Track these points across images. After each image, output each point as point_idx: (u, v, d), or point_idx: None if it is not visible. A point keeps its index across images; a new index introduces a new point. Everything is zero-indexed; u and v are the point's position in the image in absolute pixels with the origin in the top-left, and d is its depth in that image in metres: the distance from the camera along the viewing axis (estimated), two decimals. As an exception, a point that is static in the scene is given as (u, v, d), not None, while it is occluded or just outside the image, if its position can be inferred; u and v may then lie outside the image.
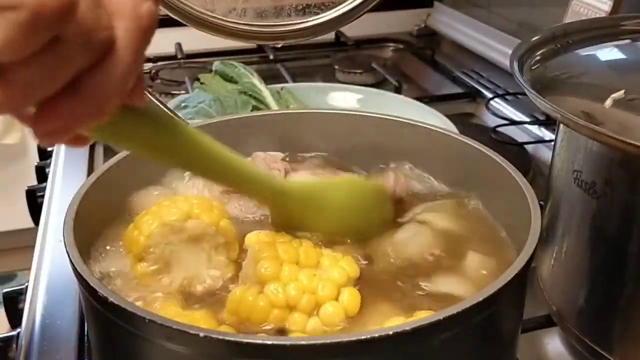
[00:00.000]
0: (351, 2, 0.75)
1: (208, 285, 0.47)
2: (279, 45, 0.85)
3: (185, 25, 0.78)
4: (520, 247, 0.44)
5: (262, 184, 0.48)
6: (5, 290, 0.70)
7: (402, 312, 0.45)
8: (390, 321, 0.43)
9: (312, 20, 0.75)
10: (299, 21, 0.75)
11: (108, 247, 0.51)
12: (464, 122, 1.01)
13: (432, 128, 0.60)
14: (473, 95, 1.15)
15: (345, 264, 0.47)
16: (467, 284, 0.48)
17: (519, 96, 1.07)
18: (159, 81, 1.21)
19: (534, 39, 0.58)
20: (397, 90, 1.14)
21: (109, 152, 0.95)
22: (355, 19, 0.76)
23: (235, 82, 1.01)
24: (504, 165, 0.53)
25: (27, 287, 0.66)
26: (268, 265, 0.45)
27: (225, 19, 0.73)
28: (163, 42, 1.27)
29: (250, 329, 0.44)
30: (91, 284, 0.40)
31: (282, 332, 0.44)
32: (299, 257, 0.46)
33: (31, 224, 0.87)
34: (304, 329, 0.43)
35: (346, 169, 0.60)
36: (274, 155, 0.59)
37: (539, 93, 0.49)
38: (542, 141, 0.97)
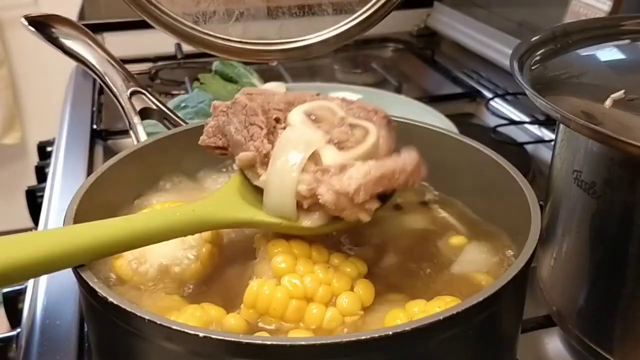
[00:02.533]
0: (348, 22, 0.72)
1: (185, 266, 0.48)
2: (274, 64, 0.82)
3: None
4: (520, 247, 0.44)
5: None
6: (5, 290, 0.70)
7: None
8: (412, 304, 0.44)
9: (308, 39, 0.72)
10: (294, 40, 0.72)
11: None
12: (464, 122, 1.01)
13: (432, 128, 0.60)
14: (473, 95, 1.15)
15: (353, 260, 0.48)
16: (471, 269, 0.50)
17: (519, 96, 1.07)
18: (158, 81, 1.21)
19: (534, 39, 0.58)
20: (397, 90, 1.14)
21: (108, 152, 0.95)
22: (353, 39, 0.74)
23: (235, 82, 1.01)
24: (504, 165, 0.53)
25: (27, 287, 0.66)
26: (282, 259, 0.45)
27: (218, 35, 0.71)
28: (163, 42, 1.27)
29: (267, 322, 0.44)
30: (91, 284, 0.40)
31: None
32: (311, 253, 0.47)
33: (31, 224, 0.87)
34: (323, 319, 0.44)
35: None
36: (270, 91, 0.49)
37: (539, 93, 0.49)
38: (542, 141, 0.97)
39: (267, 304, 0.44)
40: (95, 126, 1.01)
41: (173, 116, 0.66)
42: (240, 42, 0.72)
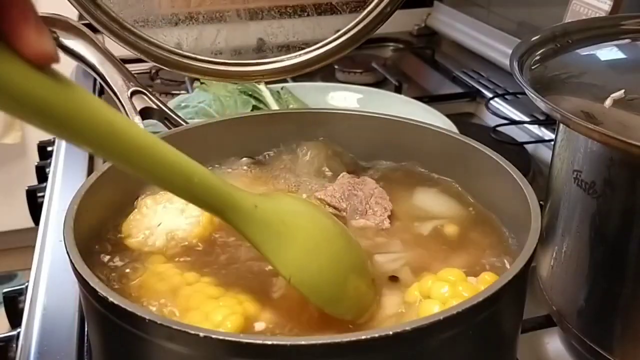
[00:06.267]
0: (339, 37, 0.67)
1: (188, 230, 0.52)
2: (262, 83, 0.76)
3: (185, 25, 0.76)
4: (520, 247, 0.44)
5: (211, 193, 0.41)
6: (5, 290, 0.70)
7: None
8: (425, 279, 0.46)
9: (294, 57, 0.67)
10: (280, 59, 0.67)
11: (108, 247, 0.51)
12: (464, 122, 1.01)
13: (432, 128, 0.60)
14: (473, 95, 1.15)
15: None
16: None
17: (519, 96, 1.07)
18: (159, 81, 1.21)
19: (534, 38, 0.58)
20: (397, 90, 1.14)
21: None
22: (344, 54, 0.67)
23: (235, 82, 1.01)
24: (504, 165, 0.53)
25: (27, 287, 0.66)
26: None
27: (200, 57, 0.66)
28: (163, 41, 1.26)
29: None
30: (91, 284, 0.40)
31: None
32: None
33: (31, 224, 0.87)
34: None
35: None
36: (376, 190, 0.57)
37: (539, 93, 0.49)
38: (542, 141, 0.97)
39: None
40: (95, 126, 1.01)
41: (173, 116, 0.66)
42: (225, 63, 0.67)
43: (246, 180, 0.60)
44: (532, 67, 0.56)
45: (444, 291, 0.44)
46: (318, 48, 0.67)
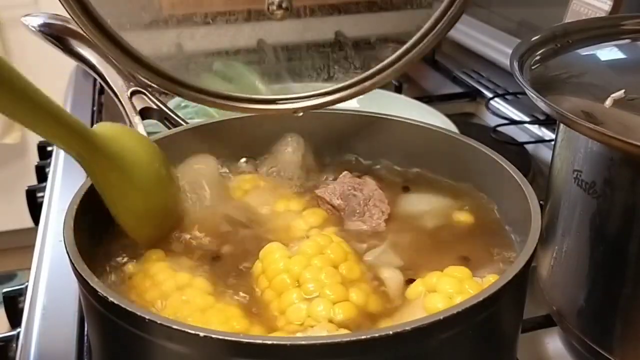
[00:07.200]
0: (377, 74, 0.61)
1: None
2: (300, 114, 0.68)
3: (184, 26, 0.76)
4: (520, 247, 0.44)
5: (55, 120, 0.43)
6: (5, 290, 0.70)
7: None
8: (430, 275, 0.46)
9: (330, 95, 0.62)
10: (317, 93, 0.63)
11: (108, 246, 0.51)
12: (464, 122, 1.01)
13: (432, 128, 0.60)
14: (473, 95, 1.15)
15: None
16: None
17: (519, 96, 1.07)
18: (159, 81, 1.21)
19: (534, 38, 0.58)
20: (397, 90, 1.14)
21: (109, 152, 0.95)
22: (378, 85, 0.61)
23: (237, 83, 1.01)
24: (504, 165, 0.53)
25: (27, 287, 0.66)
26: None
27: (244, 97, 0.62)
28: (163, 41, 1.26)
29: None
30: (91, 284, 0.40)
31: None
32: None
33: (31, 224, 0.87)
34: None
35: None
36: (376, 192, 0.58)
37: (539, 92, 0.49)
38: (542, 141, 0.97)
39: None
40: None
41: (173, 116, 0.66)
42: (262, 100, 0.62)
43: (246, 179, 0.60)
44: (532, 67, 0.56)
45: (449, 287, 0.44)
46: (364, 80, 0.62)
